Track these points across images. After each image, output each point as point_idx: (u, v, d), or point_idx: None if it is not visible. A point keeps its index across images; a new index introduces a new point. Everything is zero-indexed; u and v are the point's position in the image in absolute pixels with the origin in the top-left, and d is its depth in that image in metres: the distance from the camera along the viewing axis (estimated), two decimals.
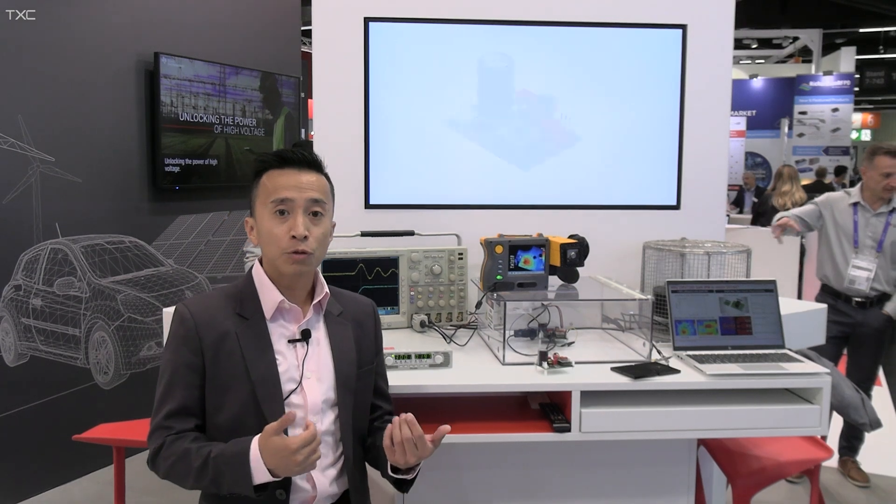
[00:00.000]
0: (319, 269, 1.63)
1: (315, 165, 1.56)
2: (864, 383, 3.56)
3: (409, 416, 1.47)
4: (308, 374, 1.54)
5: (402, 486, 1.60)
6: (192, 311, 1.51)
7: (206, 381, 1.50)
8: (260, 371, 1.49)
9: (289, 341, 1.54)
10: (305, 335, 1.55)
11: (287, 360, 1.54)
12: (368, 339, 1.67)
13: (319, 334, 1.59)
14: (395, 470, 1.55)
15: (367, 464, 1.68)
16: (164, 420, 1.48)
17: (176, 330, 1.51)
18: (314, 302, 1.58)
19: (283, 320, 1.56)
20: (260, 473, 1.39)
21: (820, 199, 3.75)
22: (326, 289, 1.61)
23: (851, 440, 3.75)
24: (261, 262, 1.59)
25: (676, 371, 1.92)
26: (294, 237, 1.49)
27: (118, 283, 3.83)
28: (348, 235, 2.42)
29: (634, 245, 2.56)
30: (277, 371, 1.51)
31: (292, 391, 1.51)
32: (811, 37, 13.37)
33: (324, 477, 1.55)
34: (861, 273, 3.54)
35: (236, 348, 1.49)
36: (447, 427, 1.47)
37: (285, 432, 1.41)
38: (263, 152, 1.59)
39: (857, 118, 20.97)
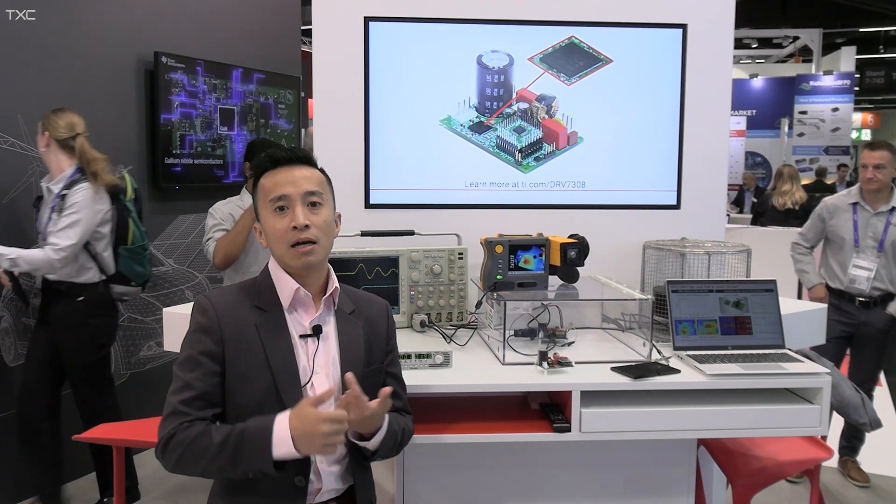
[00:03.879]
0: (331, 266, 1.66)
1: (306, 161, 1.61)
2: (866, 384, 3.56)
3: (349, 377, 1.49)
4: (318, 369, 1.57)
5: (366, 456, 1.61)
6: (213, 302, 1.55)
7: (225, 370, 1.52)
8: (280, 361, 1.53)
9: (301, 336, 1.58)
10: (316, 330, 1.59)
11: (300, 352, 1.58)
12: (380, 340, 1.68)
13: (329, 329, 1.62)
14: (360, 438, 1.58)
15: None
16: (180, 405, 1.46)
17: (197, 320, 1.54)
18: (325, 296, 1.62)
19: (296, 313, 1.60)
20: (282, 445, 1.40)
21: (817, 211, 3.80)
22: (337, 283, 1.64)
23: (852, 440, 3.75)
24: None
25: (676, 371, 1.92)
26: (295, 228, 1.53)
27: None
28: (348, 235, 2.42)
29: (634, 245, 2.56)
30: (296, 361, 1.55)
31: (309, 379, 1.56)
32: (811, 36, 13.37)
33: (329, 471, 1.58)
34: (861, 273, 3.54)
35: (256, 339, 1.53)
36: (388, 389, 1.51)
37: None
38: (258, 158, 1.63)
39: (858, 118, 20.97)
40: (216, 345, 1.51)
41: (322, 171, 1.64)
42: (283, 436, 1.41)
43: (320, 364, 1.58)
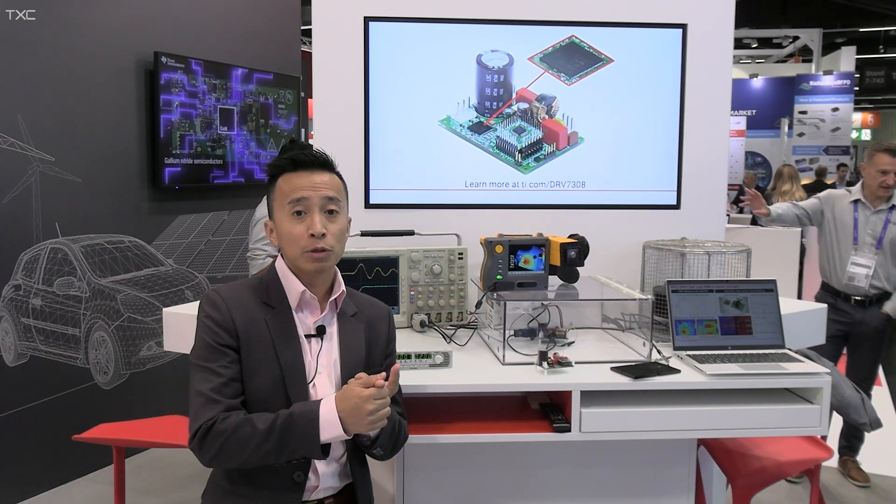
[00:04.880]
0: (338, 269, 1.67)
1: (327, 165, 1.61)
2: (864, 383, 3.56)
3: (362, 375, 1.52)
4: (321, 368, 1.59)
5: (367, 446, 1.61)
6: (223, 297, 1.56)
7: (241, 363, 1.53)
8: (289, 357, 1.55)
9: (305, 336, 1.59)
10: (320, 331, 1.60)
11: (305, 351, 1.59)
12: (380, 343, 1.69)
13: (332, 330, 1.63)
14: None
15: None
16: (211, 392, 1.47)
17: (209, 313, 1.54)
18: (331, 299, 1.63)
19: (301, 313, 1.61)
20: (331, 428, 1.45)
21: (822, 194, 3.77)
22: (343, 287, 1.65)
23: (851, 440, 3.75)
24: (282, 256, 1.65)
25: (676, 371, 1.91)
26: (312, 235, 1.54)
27: (118, 283, 3.83)
28: (348, 235, 2.41)
29: (634, 245, 2.56)
30: (303, 357, 1.57)
31: (312, 378, 1.57)
32: (811, 36, 13.37)
33: (327, 469, 1.59)
34: (860, 270, 3.54)
35: (266, 334, 1.55)
36: (397, 366, 1.56)
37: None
38: (276, 157, 1.63)
39: (858, 118, 20.98)
40: (232, 338, 1.53)
41: (339, 176, 1.64)
42: (330, 419, 1.45)
43: (323, 364, 1.59)
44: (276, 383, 1.52)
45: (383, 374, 1.50)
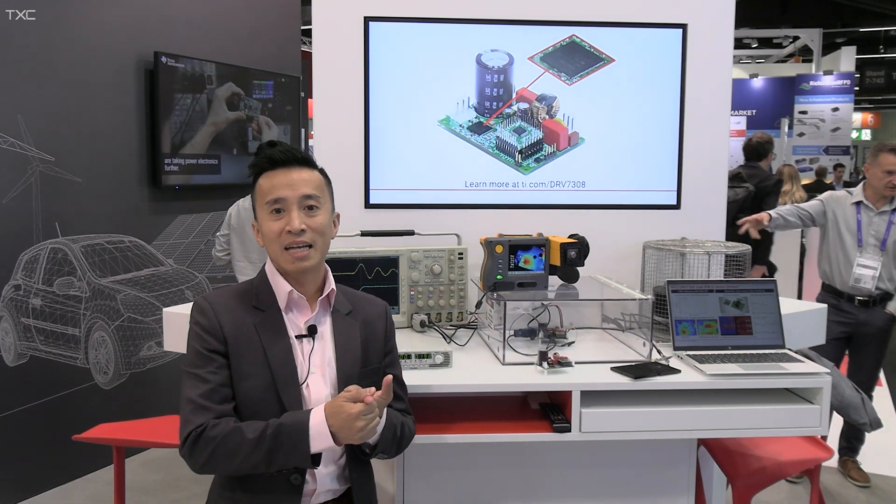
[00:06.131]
0: (328, 267, 1.66)
1: (305, 162, 1.60)
2: (866, 383, 3.56)
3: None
4: (313, 368, 1.58)
5: (366, 452, 1.63)
6: (211, 303, 1.56)
7: (230, 368, 1.53)
8: (278, 360, 1.54)
9: (296, 336, 1.59)
10: (311, 331, 1.59)
11: (297, 352, 1.58)
12: (377, 341, 1.69)
13: (325, 330, 1.63)
14: None
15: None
16: (199, 399, 1.48)
17: (198, 320, 1.55)
18: (321, 297, 1.63)
19: (292, 314, 1.61)
20: (321, 439, 1.45)
21: (824, 195, 3.75)
22: (333, 285, 1.65)
23: (852, 440, 3.75)
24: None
25: (676, 371, 1.92)
26: (290, 232, 1.53)
27: (118, 283, 3.83)
28: (348, 235, 2.42)
29: (634, 245, 2.56)
30: (294, 359, 1.56)
31: (305, 378, 1.57)
32: (811, 36, 13.36)
33: (325, 471, 1.58)
34: (866, 272, 3.53)
35: (256, 338, 1.54)
36: (389, 378, 1.52)
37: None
38: (255, 157, 1.62)
39: (858, 118, 20.97)
40: (220, 343, 1.53)
41: (322, 171, 1.64)
42: (321, 430, 1.45)
43: (316, 364, 1.59)
44: (267, 386, 1.52)
45: (372, 388, 1.49)
